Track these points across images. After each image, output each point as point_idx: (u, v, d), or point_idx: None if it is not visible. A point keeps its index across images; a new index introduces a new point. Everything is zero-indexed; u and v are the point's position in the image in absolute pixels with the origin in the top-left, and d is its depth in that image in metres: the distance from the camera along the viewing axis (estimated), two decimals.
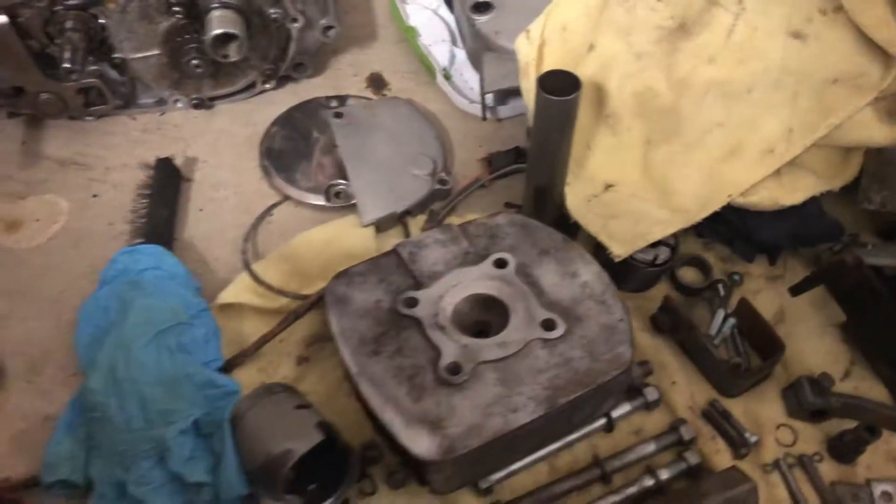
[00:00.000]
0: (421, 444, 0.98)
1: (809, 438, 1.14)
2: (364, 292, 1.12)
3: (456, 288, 1.12)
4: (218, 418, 1.09)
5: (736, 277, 1.25)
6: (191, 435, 1.08)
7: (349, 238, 1.32)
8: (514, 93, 1.47)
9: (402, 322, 1.09)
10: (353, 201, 1.37)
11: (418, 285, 1.13)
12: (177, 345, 1.13)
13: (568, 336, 1.06)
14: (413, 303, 1.10)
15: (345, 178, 1.39)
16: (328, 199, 1.39)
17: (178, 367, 1.11)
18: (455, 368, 1.03)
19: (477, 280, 1.13)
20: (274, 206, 1.40)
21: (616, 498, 1.08)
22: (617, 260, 1.21)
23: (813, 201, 1.24)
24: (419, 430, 0.98)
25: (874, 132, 1.21)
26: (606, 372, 1.03)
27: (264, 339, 1.20)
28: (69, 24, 1.34)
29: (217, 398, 1.10)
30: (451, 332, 1.07)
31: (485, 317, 1.12)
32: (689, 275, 1.28)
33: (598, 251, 1.22)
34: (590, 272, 1.13)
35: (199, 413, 1.08)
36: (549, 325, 1.07)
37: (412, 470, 1.08)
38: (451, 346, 1.05)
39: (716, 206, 1.23)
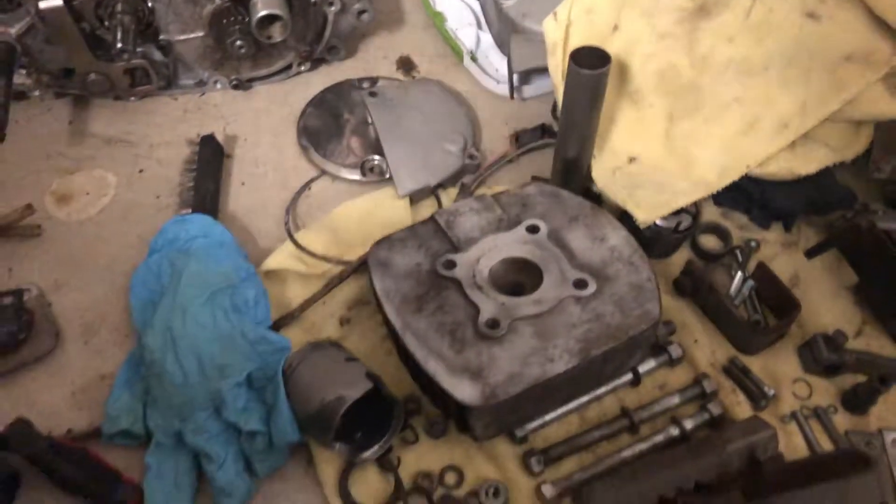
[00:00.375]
0: (464, 390, 1.04)
1: (824, 392, 1.21)
2: (405, 256, 1.19)
3: (491, 252, 1.19)
4: (270, 372, 1.16)
5: (753, 244, 1.32)
6: (244, 388, 1.15)
7: (386, 209, 1.39)
8: (538, 72, 1.55)
9: (442, 283, 1.16)
10: (386, 176, 1.44)
11: (455, 250, 1.19)
12: (230, 305, 1.20)
13: (599, 294, 1.13)
14: (452, 265, 1.17)
15: (377, 154, 1.46)
16: (363, 174, 1.46)
17: (233, 325, 1.18)
18: (494, 323, 1.10)
19: (511, 244, 1.20)
20: (312, 180, 1.47)
21: (644, 446, 1.15)
22: (642, 227, 1.28)
23: (826, 171, 1.30)
24: (462, 378, 1.05)
25: (884, 107, 1.28)
26: (636, 326, 1.10)
27: (309, 302, 1.27)
28: (119, 7, 1.41)
29: (269, 354, 1.17)
30: (488, 291, 1.14)
31: (519, 278, 1.19)
32: (709, 242, 1.35)
33: (623, 221, 1.28)
34: (618, 237, 1.20)
35: (252, 367, 1.15)
36: (580, 284, 1.14)
37: (453, 418, 1.15)
38: (489, 304, 1.12)
39: (734, 176, 1.30)
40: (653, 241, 1.31)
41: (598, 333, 1.09)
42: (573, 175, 1.35)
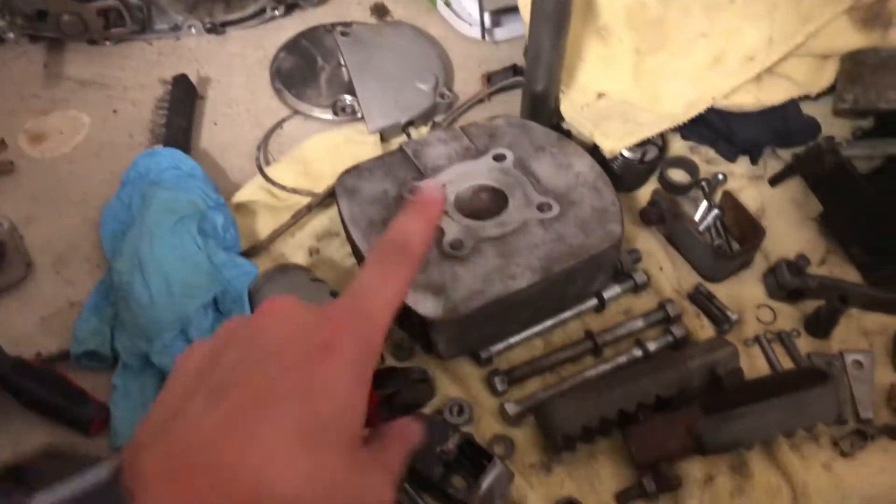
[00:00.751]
0: (426, 305, 1.06)
1: (788, 317, 1.22)
2: (372, 183, 1.20)
3: (458, 179, 1.20)
4: (237, 295, 1.16)
5: (720, 177, 1.33)
6: (211, 309, 1.16)
7: (356, 143, 1.40)
8: (510, 14, 1.56)
9: None
10: (358, 115, 1.45)
11: (422, 177, 1.21)
12: (198, 230, 1.20)
13: (562, 217, 1.14)
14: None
15: (349, 95, 1.47)
16: (335, 114, 1.47)
17: (200, 249, 1.18)
18: (457, 244, 1.11)
19: (477, 172, 1.21)
20: (284, 119, 1.48)
21: (607, 367, 1.16)
22: (608, 157, 1.29)
23: (792, 104, 1.32)
24: (425, 294, 1.06)
25: (848, 38, 1.30)
26: (598, 246, 1.11)
27: (278, 232, 1.28)
28: None
29: (236, 277, 1.18)
30: (453, 215, 1.15)
31: (484, 205, 1.20)
32: (676, 175, 1.36)
33: (591, 155, 1.29)
34: (583, 164, 1.21)
35: (218, 289, 1.16)
36: (544, 207, 1.15)
37: (418, 338, 1.16)
38: (454, 226, 1.13)
39: (700, 108, 1.31)
40: (620, 174, 1.32)
41: (560, 252, 1.11)
42: (541, 110, 1.36)
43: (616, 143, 1.29)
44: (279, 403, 0.52)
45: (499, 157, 1.22)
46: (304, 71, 1.54)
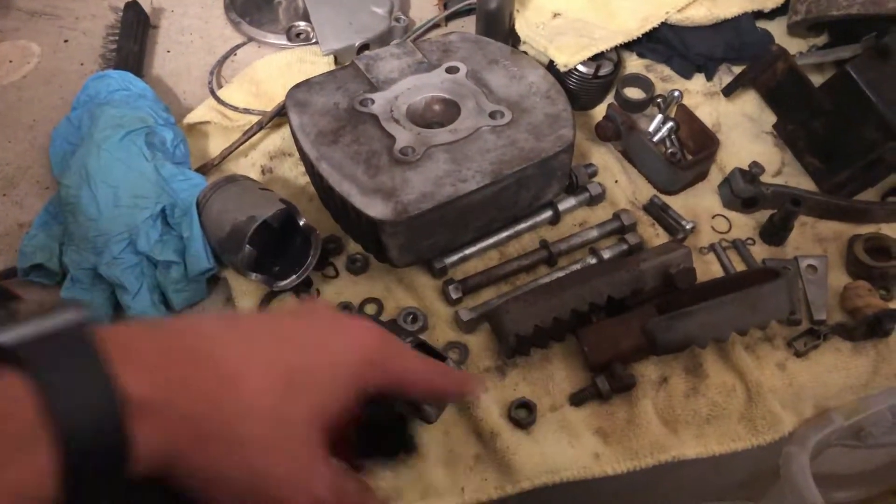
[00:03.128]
0: (376, 208, 1.04)
1: (743, 226, 1.22)
2: (323, 97, 1.19)
3: (410, 91, 1.19)
4: (185, 207, 1.15)
5: (676, 93, 1.32)
6: (160, 221, 1.14)
7: (308, 64, 1.38)
8: None
9: (359, 118, 1.15)
10: (312, 41, 1.43)
11: (374, 91, 1.19)
12: (146, 143, 1.18)
13: (514, 123, 1.13)
14: (369, 102, 1.17)
15: (304, 21, 1.46)
16: (290, 40, 1.45)
17: (148, 161, 1.16)
18: (408, 150, 1.10)
19: (430, 84, 1.20)
20: (239, 46, 1.46)
21: (561, 274, 1.15)
22: (562, 70, 1.28)
23: (745, 16, 1.32)
24: (375, 198, 1.05)
25: None
26: (550, 149, 1.10)
27: (230, 149, 1.27)
28: None
29: (185, 190, 1.16)
30: (405, 124, 1.14)
31: (437, 115, 1.19)
32: (631, 93, 1.35)
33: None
34: (536, 75, 1.20)
35: (167, 201, 1.14)
36: (496, 115, 1.14)
37: (371, 247, 1.15)
38: (405, 135, 1.12)
39: (654, 22, 1.31)
40: (576, 92, 1.31)
41: (511, 156, 1.10)
42: (496, 29, 1.35)
43: (570, 56, 1.28)
44: (284, 343, 0.56)
45: (452, 70, 1.21)
46: (260, 7, 1.52)
